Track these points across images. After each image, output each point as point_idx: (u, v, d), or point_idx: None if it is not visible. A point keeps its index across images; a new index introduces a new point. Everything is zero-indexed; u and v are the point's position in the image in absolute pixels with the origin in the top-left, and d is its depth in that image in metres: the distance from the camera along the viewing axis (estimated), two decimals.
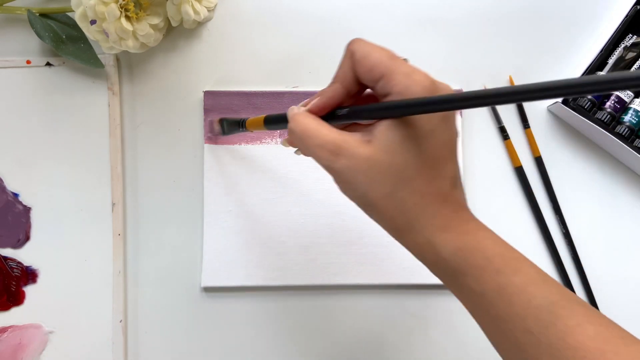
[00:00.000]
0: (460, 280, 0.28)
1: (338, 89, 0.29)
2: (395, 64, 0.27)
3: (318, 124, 0.29)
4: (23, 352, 0.43)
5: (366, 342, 0.44)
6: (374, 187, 0.28)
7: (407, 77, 0.27)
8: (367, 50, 0.28)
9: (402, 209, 0.28)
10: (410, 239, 0.29)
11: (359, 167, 0.28)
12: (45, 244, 0.44)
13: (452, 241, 0.28)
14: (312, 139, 0.29)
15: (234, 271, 0.44)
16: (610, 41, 0.45)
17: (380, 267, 0.44)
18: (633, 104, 0.45)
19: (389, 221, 0.29)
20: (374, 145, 0.28)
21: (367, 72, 0.28)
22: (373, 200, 0.28)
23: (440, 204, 0.28)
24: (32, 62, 0.45)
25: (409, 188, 0.28)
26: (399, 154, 0.27)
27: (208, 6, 0.45)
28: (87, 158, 0.45)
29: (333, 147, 0.28)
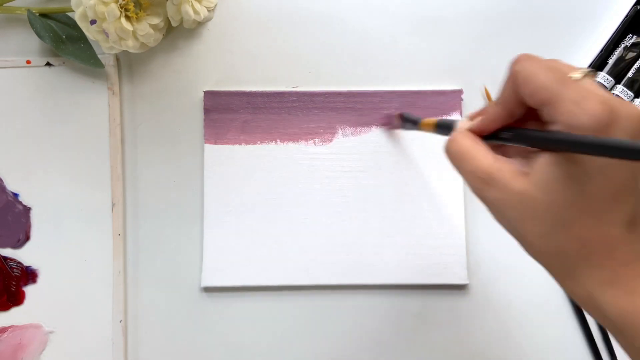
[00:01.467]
0: (629, 341, 0.25)
1: (500, 111, 0.27)
2: (563, 88, 0.24)
3: (474, 146, 0.27)
4: (23, 352, 0.43)
5: (366, 342, 0.44)
6: (527, 225, 0.25)
7: (576, 105, 0.23)
8: (531, 71, 0.25)
9: (561, 254, 0.25)
10: (569, 288, 0.26)
11: (511, 201, 0.25)
12: (45, 244, 0.44)
13: (619, 301, 0.24)
14: (465, 162, 0.27)
15: (234, 271, 0.44)
16: (610, 41, 0.45)
17: (380, 267, 0.44)
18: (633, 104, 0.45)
19: (546, 264, 0.26)
20: (531, 179, 0.25)
21: (531, 96, 0.25)
22: (527, 238, 0.26)
23: (610, 253, 0.24)
24: (32, 62, 0.45)
25: (568, 233, 0.24)
26: (558, 193, 0.24)
27: (208, 6, 0.45)
28: (87, 158, 0.45)
29: (485, 176, 0.26)
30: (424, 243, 0.44)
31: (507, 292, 0.45)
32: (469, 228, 0.45)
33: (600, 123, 0.22)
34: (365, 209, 0.45)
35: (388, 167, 0.45)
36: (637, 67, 0.45)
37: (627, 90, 0.45)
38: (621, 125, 0.23)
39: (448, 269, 0.44)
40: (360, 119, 0.45)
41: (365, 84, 0.46)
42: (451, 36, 0.47)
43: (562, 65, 0.25)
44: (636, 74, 0.45)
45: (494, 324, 0.45)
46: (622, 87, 0.45)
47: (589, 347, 0.44)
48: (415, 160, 0.45)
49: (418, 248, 0.44)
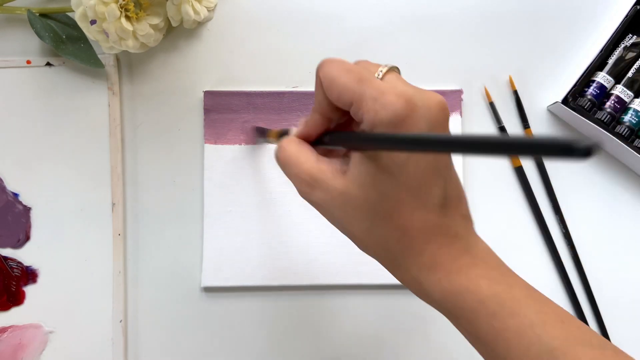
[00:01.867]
0: (454, 322, 0.26)
1: (317, 118, 0.28)
2: (363, 87, 0.24)
3: (299, 151, 0.28)
4: (23, 352, 0.43)
5: (366, 342, 0.44)
6: (351, 222, 0.26)
7: (375, 101, 0.24)
8: (333, 75, 0.25)
9: (385, 245, 0.26)
10: (398, 276, 0.27)
11: (334, 201, 0.26)
12: (45, 244, 0.44)
13: (441, 283, 0.25)
14: (290, 167, 0.28)
15: (234, 271, 0.44)
16: (610, 41, 0.45)
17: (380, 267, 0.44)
18: (633, 104, 0.45)
19: (376, 256, 0.27)
20: (348, 177, 0.26)
21: (337, 99, 0.26)
22: (354, 234, 0.27)
23: (427, 238, 0.25)
24: (32, 62, 0.45)
25: (388, 224, 0.25)
26: (373, 188, 0.25)
27: (208, 6, 0.45)
28: (87, 158, 0.45)
29: (309, 178, 0.26)
30: None
31: None
32: None
33: (398, 115, 0.23)
34: None
35: None
36: (637, 67, 0.45)
37: (627, 90, 0.45)
38: (420, 114, 0.24)
39: None
40: None
41: None
42: (451, 36, 0.47)
43: (364, 65, 0.26)
44: (636, 74, 0.45)
45: None
46: (622, 87, 0.45)
47: None
48: None
49: None
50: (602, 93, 0.45)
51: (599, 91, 0.45)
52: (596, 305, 0.45)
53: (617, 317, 0.45)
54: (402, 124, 0.24)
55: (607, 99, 0.45)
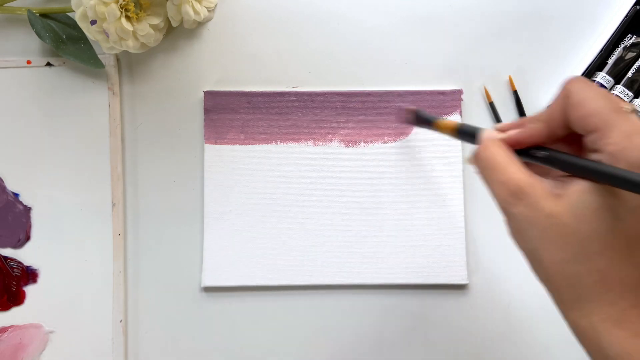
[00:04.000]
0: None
1: (541, 129, 0.26)
2: (617, 118, 0.23)
3: (508, 157, 0.26)
4: (23, 352, 0.43)
5: (366, 342, 0.44)
6: (548, 247, 0.24)
7: (627, 138, 0.23)
8: (585, 96, 0.25)
9: (575, 283, 0.24)
10: (573, 318, 0.25)
11: (538, 221, 0.24)
12: (45, 244, 0.44)
13: (623, 341, 0.24)
14: (496, 172, 0.26)
15: (234, 271, 0.44)
16: (610, 41, 0.45)
17: (380, 267, 0.44)
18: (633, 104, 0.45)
19: (555, 290, 0.26)
20: (564, 203, 0.24)
21: (580, 119, 0.24)
22: (544, 261, 0.25)
23: (624, 293, 0.24)
24: (33, 62, 0.45)
25: (590, 264, 0.24)
26: (590, 223, 0.24)
27: (208, 6, 0.45)
28: (87, 158, 0.45)
29: (515, 189, 0.25)
30: (424, 243, 0.44)
31: (507, 292, 0.45)
32: (469, 228, 0.45)
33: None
34: (365, 208, 0.45)
35: (388, 167, 0.45)
36: (636, 67, 0.45)
37: (627, 91, 0.45)
38: None
39: (448, 269, 0.44)
40: (360, 119, 0.45)
41: (365, 84, 0.46)
42: (451, 36, 0.47)
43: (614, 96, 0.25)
44: (636, 74, 0.45)
45: (494, 324, 0.45)
46: (622, 87, 0.45)
47: None
48: (416, 160, 0.45)
49: (418, 248, 0.44)
50: None
51: None
52: None
53: None
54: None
55: None
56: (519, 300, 0.45)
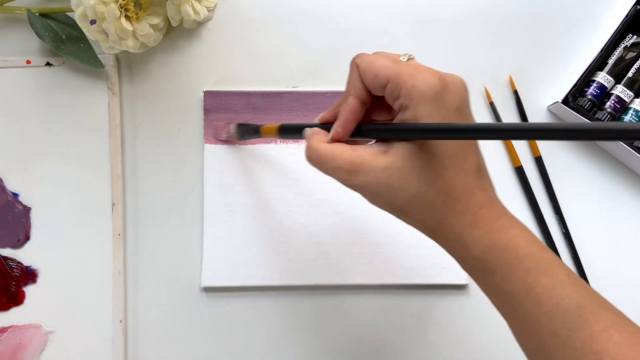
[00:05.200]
0: (489, 277, 0.28)
1: (353, 102, 0.29)
2: (399, 66, 0.28)
3: (331, 145, 0.29)
4: (23, 352, 0.43)
5: (366, 342, 0.44)
6: (398, 193, 0.28)
7: (412, 77, 0.27)
8: (370, 59, 0.29)
9: (431, 209, 0.28)
10: (441, 237, 0.29)
11: (379, 179, 0.28)
12: (45, 244, 0.44)
13: (482, 239, 0.28)
14: (328, 163, 0.29)
15: (234, 271, 0.44)
16: (610, 41, 0.45)
17: (380, 267, 0.44)
18: (633, 103, 0.45)
19: (420, 222, 0.29)
20: (392, 154, 0.28)
21: (373, 79, 0.28)
22: (401, 206, 0.29)
23: (468, 199, 0.28)
24: (32, 62, 0.45)
25: (433, 188, 0.28)
26: (417, 158, 0.27)
27: (208, 6, 0.45)
28: (87, 158, 0.45)
29: (349, 166, 0.28)
30: (424, 243, 0.44)
31: None
32: None
33: (435, 88, 0.27)
34: (365, 208, 0.44)
35: None
36: (637, 67, 0.45)
37: (627, 90, 0.45)
38: (451, 88, 0.28)
39: (448, 269, 0.44)
40: None
41: None
42: (451, 36, 0.47)
43: (390, 54, 0.30)
44: (636, 73, 0.45)
45: (494, 324, 0.44)
46: (622, 87, 0.45)
47: None
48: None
49: (418, 248, 0.44)
50: (602, 93, 0.45)
51: (599, 91, 0.45)
52: None
53: None
54: (439, 97, 0.27)
55: (607, 99, 0.45)
56: None
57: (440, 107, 0.27)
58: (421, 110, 0.27)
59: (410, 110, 0.27)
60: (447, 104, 0.27)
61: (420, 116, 0.27)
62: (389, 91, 0.28)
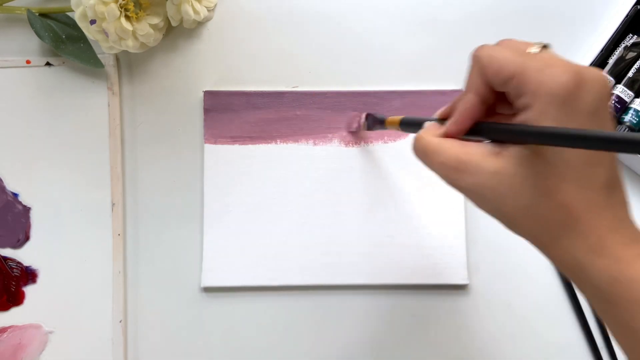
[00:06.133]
0: (613, 311, 0.25)
1: (472, 98, 0.27)
2: (525, 60, 0.24)
3: (440, 140, 0.27)
4: (23, 352, 0.43)
5: (366, 342, 0.44)
6: (507, 202, 0.25)
7: (540, 72, 0.24)
8: (492, 53, 0.26)
9: (545, 225, 0.25)
10: (557, 258, 0.26)
11: (486, 183, 0.25)
12: (45, 244, 0.44)
13: (608, 269, 0.24)
14: (433, 156, 0.27)
15: (234, 271, 0.44)
16: (610, 41, 0.45)
17: (380, 267, 0.44)
18: (633, 103, 0.45)
19: (531, 237, 0.26)
20: (504, 157, 0.25)
21: (496, 75, 0.25)
22: (510, 215, 0.26)
23: (592, 219, 0.24)
24: (32, 62, 0.45)
25: (549, 202, 0.24)
26: (534, 165, 0.24)
27: (208, 6, 0.45)
28: (87, 158, 0.45)
29: (455, 164, 0.26)
30: (424, 243, 0.44)
31: (507, 292, 0.45)
32: (469, 228, 0.45)
33: (567, 87, 0.23)
34: (365, 208, 0.44)
35: (388, 166, 0.45)
36: (637, 67, 0.45)
37: (628, 90, 0.45)
38: (587, 87, 0.23)
39: (448, 269, 0.44)
40: None
41: (365, 84, 0.46)
42: (451, 36, 0.47)
43: (518, 43, 0.27)
44: (636, 73, 0.45)
45: (494, 324, 0.44)
46: (622, 87, 0.45)
47: (589, 347, 0.44)
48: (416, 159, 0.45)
49: (418, 248, 0.44)
50: None
51: None
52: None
53: None
54: (570, 98, 0.23)
55: None
56: (520, 300, 0.44)
57: (570, 109, 0.23)
58: (546, 111, 0.23)
59: (534, 110, 0.24)
60: (580, 106, 0.23)
61: (543, 118, 0.23)
62: (512, 88, 0.25)
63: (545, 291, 0.45)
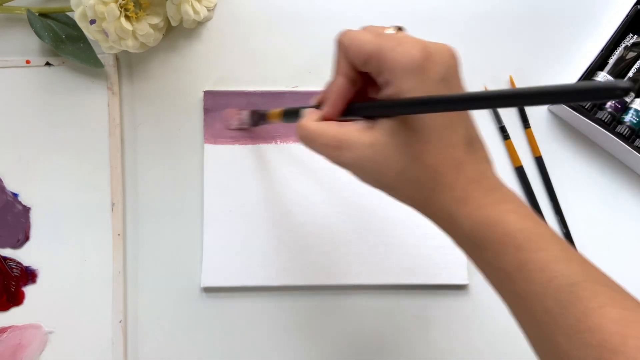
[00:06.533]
0: (480, 255, 0.27)
1: (340, 80, 0.29)
2: (381, 40, 0.27)
3: (319, 124, 0.29)
4: (23, 352, 0.43)
5: (366, 342, 0.44)
6: (384, 170, 0.28)
7: (393, 50, 0.26)
8: (352, 36, 0.28)
9: (418, 185, 0.27)
10: (432, 214, 0.28)
11: (365, 155, 0.28)
12: (44, 244, 0.44)
13: (472, 215, 0.27)
14: (315, 140, 0.29)
15: (234, 271, 0.44)
16: (610, 41, 0.45)
17: (380, 267, 0.44)
18: (634, 103, 0.45)
19: (409, 199, 0.29)
20: (377, 130, 0.27)
21: (357, 55, 0.28)
22: (388, 182, 0.28)
23: (457, 173, 0.27)
24: (32, 61, 0.45)
25: (420, 164, 0.27)
26: (402, 134, 0.27)
27: (208, 6, 0.45)
28: (87, 158, 0.45)
29: (335, 143, 0.28)
30: (424, 243, 0.44)
31: None
32: None
33: (416, 61, 0.26)
34: (366, 209, 0.44)
35: None
36: (637, 66, 0.45)
37: None
38: (435, 59, 0.27)
39: (448, 269, 0.44)
40: None
41: None
42: (451, 36, 0.47)
43: (377, 27, 0.29)
44: (636, 73, 0.45)
45: (494, 324, 0.44)
46: None
47: None
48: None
49: (418, 248, 0.44)
50: None
51: None
52: None
53: None
54: (421, 69, 0.26)
55: None
56: None
57: (422, 79, 0.26)
58: (403, 84, 0.26)
59: (393, 85, 0.27)
60: (431, 75, 0.26)
61: (402, 90, 0.26)
62: (372, 67, 0.27)
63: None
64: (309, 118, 0.30)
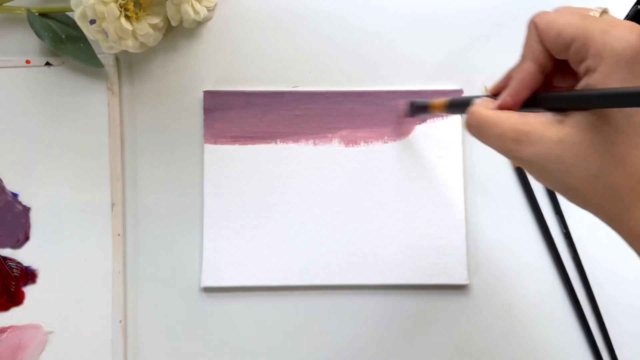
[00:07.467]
0: None
1: (530, 66, 0.26)
2: (588, 22, 0.23)
3: (495, 112, 0.26)
4: (22, 352, 0.43)
5: (366, 342, 0.44)
6: (573, 172, 0.24)
7: (604, 33, 0.23)
8: (551, 17, 0.25)
9: (615, 195, 0.24)
10: (626, 230, 0.24)
11: (550, 153, 0.24)
12: (44, 244, 0.44)
13: None
14: (489, 129, 0.26)
15: (234, 271, 0.44)
16: None
17: (380, 267, 0.44)
18: None
19: (600, 209, 0.25)
20: (569, 124, 0.24)
21: (556, 39, 0.24)
22: (576, 187, 0.24)
23: None
24: (32, 62, 0.45)
25: (620, 169, 0.23)
26: (602, 131, 0.23)
27: (208, 6, 0.45)
28: (87, 158, 0.45)
29: (515, 135, 0.25)
30: (424, 243, 0.44)
31: (507, 292, 0.45)
32: (469, 228, 0.45)
33: (634, 48, 0.22)
34: (365, 208, 0.44)
35: (388, 166, 0.45)
36: None
37: None
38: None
39: (448, 269, 0.44)
40: (360, 119, 0.45)
41: (365, 84, 0.46)
42: (451, 36, 0.47)
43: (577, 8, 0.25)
44: None
45: (494, 324, 0.45)
46: None
47: (589, 347, 0.44)
48: (416, 159, 0.45)
49: (418, 248, 0.44)
50: None
51: None
52: (596, 305, 0.45)
53: (617, 317, 0.45)
54: (636, 58, 0.22)
55: None
56: (520, 300, 0.44)
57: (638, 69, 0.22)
58: (612, 72, 0.22)
59: (599, 73, 0.23)
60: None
61: (610, 80, 0.22)
62: (573, 52, 0.24)
63: (545, 291, 0.45)
64: (482, 105, 0.27)
